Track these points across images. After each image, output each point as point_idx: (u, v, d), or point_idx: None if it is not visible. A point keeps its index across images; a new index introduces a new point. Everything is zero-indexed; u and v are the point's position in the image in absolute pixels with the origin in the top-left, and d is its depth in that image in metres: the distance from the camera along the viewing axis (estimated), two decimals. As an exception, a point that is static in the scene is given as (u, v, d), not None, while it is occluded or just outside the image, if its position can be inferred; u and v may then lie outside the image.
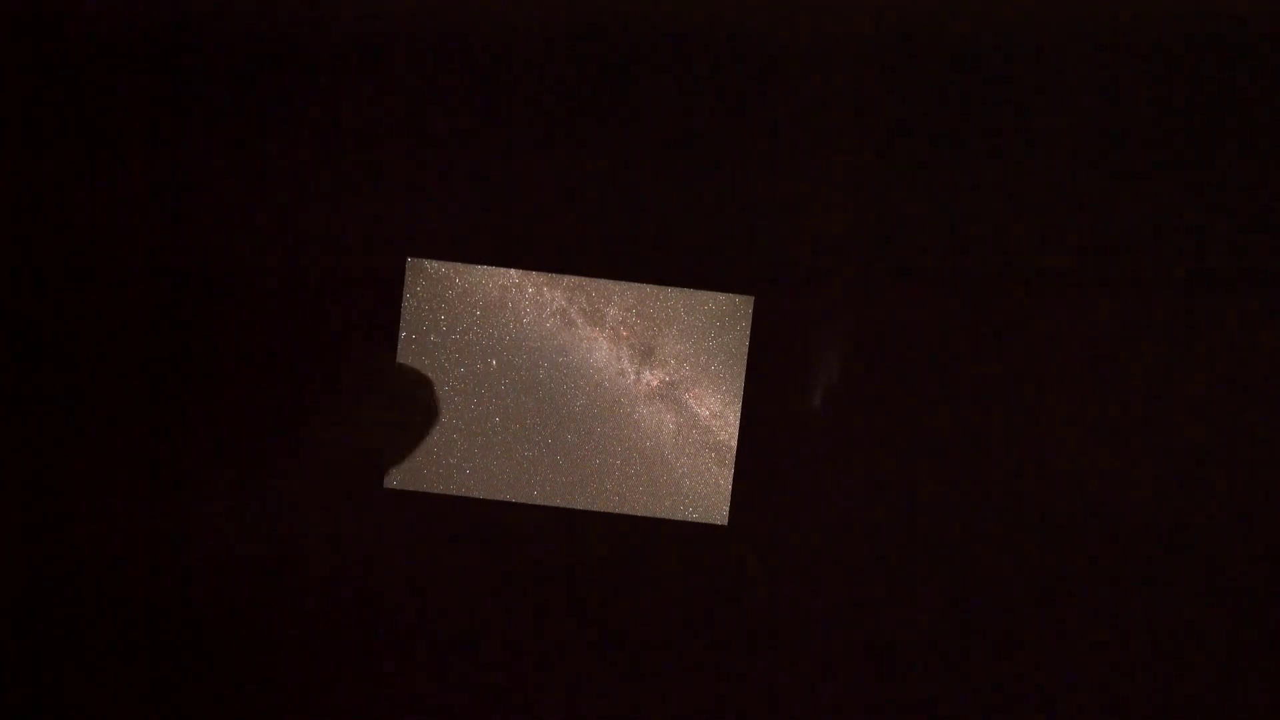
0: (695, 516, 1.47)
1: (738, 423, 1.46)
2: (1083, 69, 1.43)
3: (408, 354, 1.46)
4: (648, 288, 1.47)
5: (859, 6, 1.42)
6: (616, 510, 1.47)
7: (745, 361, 1.45)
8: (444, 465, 1.47)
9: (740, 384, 1.46)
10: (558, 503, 1.47)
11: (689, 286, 1.46)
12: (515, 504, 1.46)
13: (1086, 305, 1.43)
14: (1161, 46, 1.42)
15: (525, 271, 1.46)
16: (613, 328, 1.48)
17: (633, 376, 1.49)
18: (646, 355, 1.49)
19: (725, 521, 1.46)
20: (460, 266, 1.46)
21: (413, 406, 1.46)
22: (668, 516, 1.47)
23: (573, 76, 1.43)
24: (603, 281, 1.46)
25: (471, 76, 1.43)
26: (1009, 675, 1.44)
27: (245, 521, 1.45)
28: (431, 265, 1.46)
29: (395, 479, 1.46)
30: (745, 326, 1.45)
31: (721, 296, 1.46)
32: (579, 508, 1.47)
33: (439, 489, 1.46)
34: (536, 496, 1.47)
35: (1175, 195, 1.42)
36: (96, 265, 1.44)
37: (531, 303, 1.48)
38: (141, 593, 1.45)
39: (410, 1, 1.43)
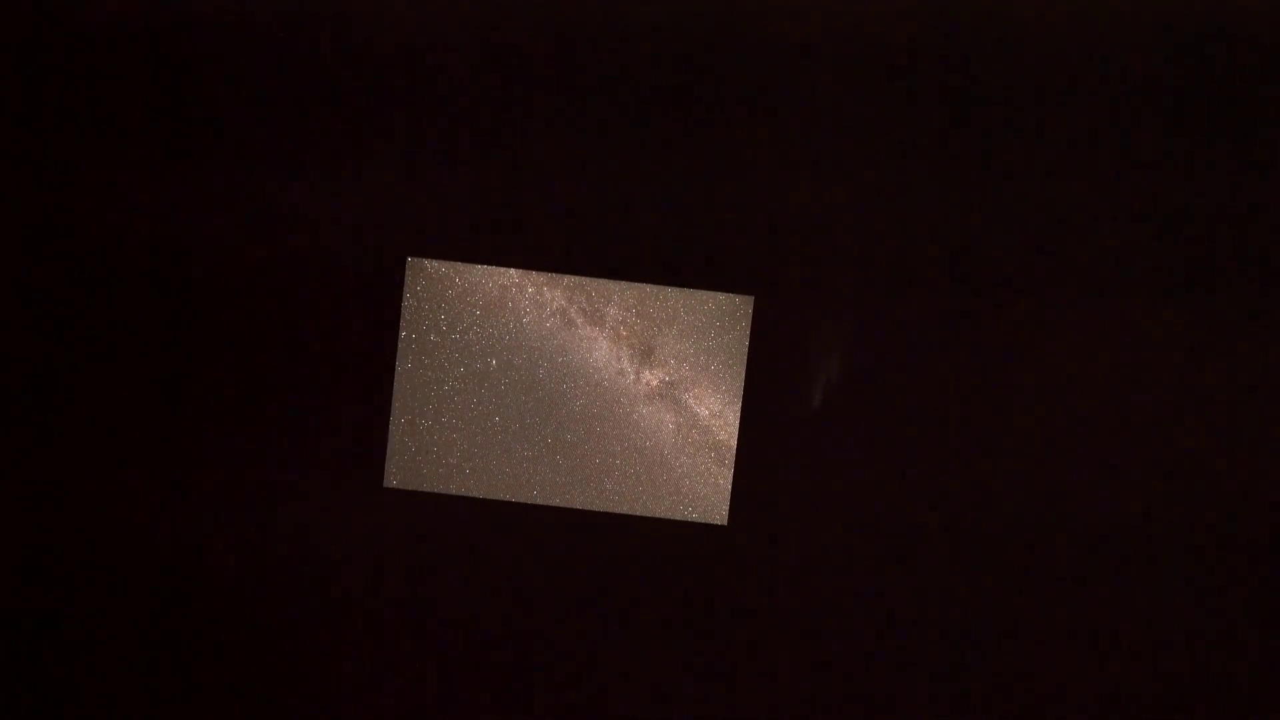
0: (695, 516, 1.47)
1: (737, 423, 1.46)
2: (1084, 71, 1.42)
3: (408, 354, 1.46)
4: (648, 288, 1.46)
5: (860, 8, 1.42)
6: (616, 510, 1.47)
7: (745, 361, 1.45)
8: (444, 465, 1.47)
9: (740, 384, 1.46)
10: (558, 503, 1.47)
11: (689, 286, 1.46)
12: (515, 504, 1.46)
13: (1087, 305, 1.43)
14: (1162, 46, 1.42)
15: (525, 271, 1.46)
16: (613, 328, 1.48)
17: (632, 376, 1.49)
18: (646, 355, 1.49)
19: (725, 521, 1.46)
20: (460, 266, 1.46)
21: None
22: (667, 516, 1.47)
23: (573, 77, 1.43)
24: (603, 281, 1.46)
25: (472, 76, 1.43)
26: (1010, 674, 1.44)
27: (245, 521, 1.45)
28: (431, 265, 1.46)
29: (395, 479, 1.46)
30: (745, 326, 1.45)
31: (721, 296, 1.46)
32: (579, 508, 1.47)
33: (439, 489, 1.46)
34: (536, 496, 1.47)
35: (1176, 196, 1.42)
36: (96, 266, 1.44)
37: (531, 303, 1.48)
38: (141, 592, 1.45)
39: (410, 1, 1.43)
